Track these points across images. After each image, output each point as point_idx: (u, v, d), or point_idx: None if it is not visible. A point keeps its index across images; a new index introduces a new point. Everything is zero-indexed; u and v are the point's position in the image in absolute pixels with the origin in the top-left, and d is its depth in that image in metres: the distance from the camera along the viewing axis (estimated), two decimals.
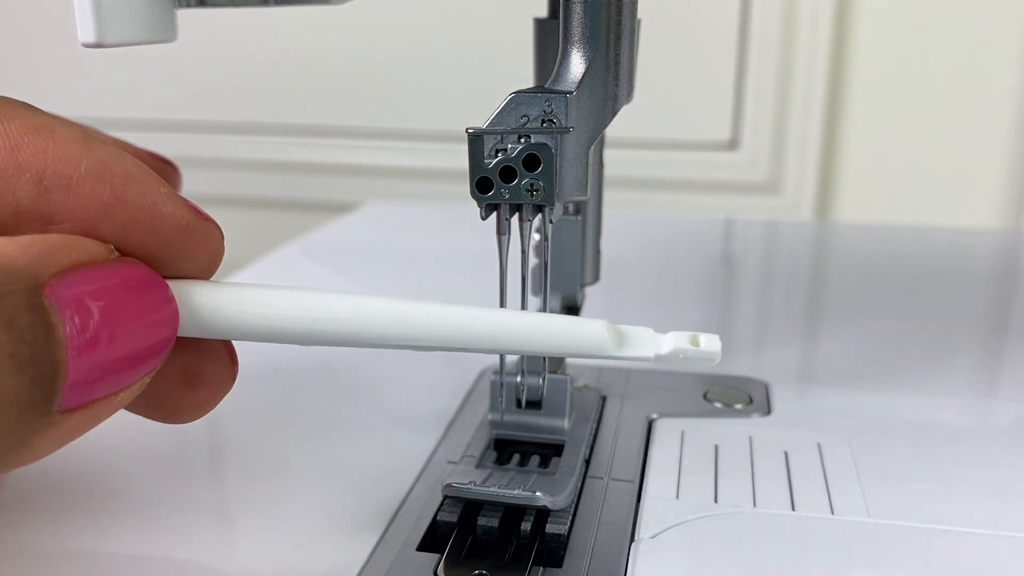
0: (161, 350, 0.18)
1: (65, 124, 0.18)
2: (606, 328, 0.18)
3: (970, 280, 0.46)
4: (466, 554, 0.22)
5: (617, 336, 0.19)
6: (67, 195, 0.17)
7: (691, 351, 0.19)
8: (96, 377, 0.17)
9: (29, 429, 0.16)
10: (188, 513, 0.24)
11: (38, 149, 0.17)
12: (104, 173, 0.18)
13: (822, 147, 0.77)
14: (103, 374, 0.17)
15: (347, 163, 0.85)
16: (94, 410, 0.17)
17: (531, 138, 0.22)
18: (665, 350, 0.19)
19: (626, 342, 0.19)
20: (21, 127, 0.17)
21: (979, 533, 0.22)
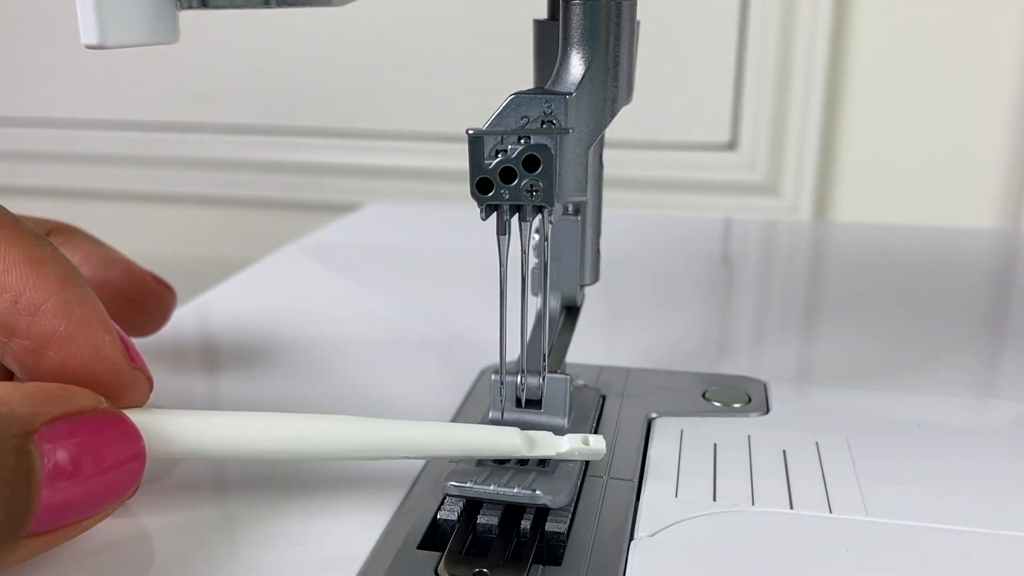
0: (125, 492, 0.21)
1: (56, 260, 0.21)
2: (519, 435, 0.23)
3: (969, 280, 0.46)
4: (466, 552, 0.22)
5: (528, 441, 0.23)
6: (31, 320, 0.20)
7: (583, 449, 0.23)
8: (63, 512, 0.19)
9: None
10: (189, 512, 0.24)
11: (23, 276, 0.20)
12: (65, 311, 0.21)
13: (821, 148, 0.77)
14: (70, 509, 0.19)
15: (348, 164, 0.85)
16: (58, 535, 0.20)
17: (531, 139, 0.22)
18: (564, 449, 0.23)
19: (535, 445, 0.23)
20: (18, 256, 0.21)
21: (977, 532, 0.22)
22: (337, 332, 0.37)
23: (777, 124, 0.77)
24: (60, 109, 0.87)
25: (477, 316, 0.38)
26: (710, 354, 0.36)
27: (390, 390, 0.31)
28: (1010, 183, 0.76)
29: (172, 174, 0.87)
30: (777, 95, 0.76)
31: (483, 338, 0.35)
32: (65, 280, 0.21)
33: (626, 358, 0.34)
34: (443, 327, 0.38)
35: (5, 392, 0.19)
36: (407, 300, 0.42)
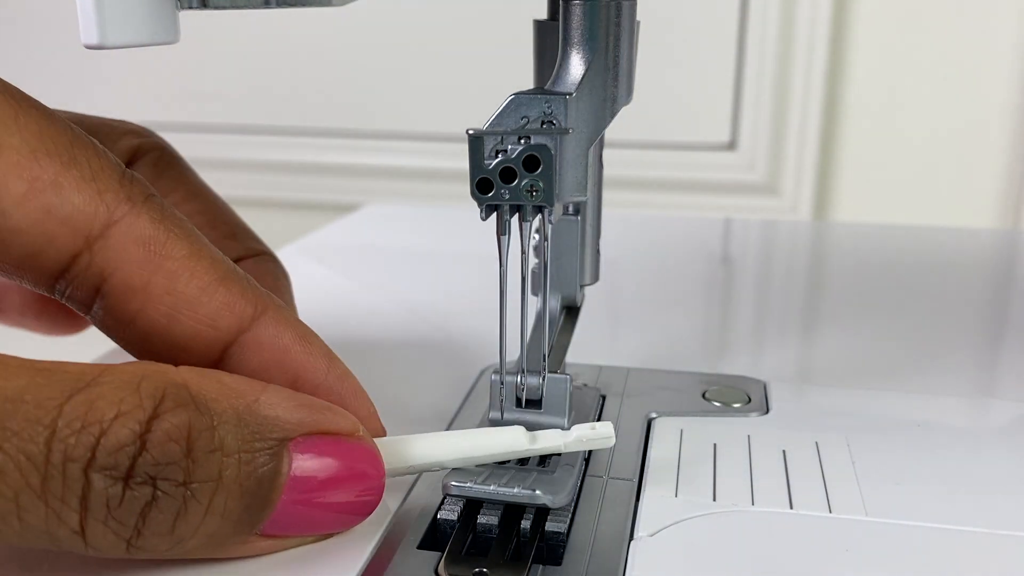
0: (356, 517, 0.22)
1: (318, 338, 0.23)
2: (523, 433, 0.23)
3: (968, 280, 0.46)
4: (466, 552, 0.22)
5: (531, 438, 0.23)
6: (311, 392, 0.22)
7: (590, 435, 0.23)
8: (296, 522, 0.21)
9: (230, 540, 0.20)
10: None
11: (300, 355, 0.22)
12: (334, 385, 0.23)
13: (820, 148, 0.77)
14: (303, 521, 0.21)
15: (348, 164, 0.85)
16: (286, 542, 0.21)
17: (531, 139, 0.22)
18: (571, 439, 0.23)
19: (538, 439, 0.23)
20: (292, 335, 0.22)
21: (977, 532, 0.22)
22: (337, 332, 0.37)
23: (777, 124, 0.77)
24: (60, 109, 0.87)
25: (477, 316, 0.38)
26: (710, 354, 0.36)
27: (390, 390, 0.31)
28: (1010, 183, 0.76)
29: None
30: (777, 95, 0.76)
31: (483, 338, 0.35)
32: (330, 356, 0.23)
33: (626, 358, 0.34)
34: (443, 327, 0.38)
35: (278, 397, 0.20)
36: (407, 300, 0.42)
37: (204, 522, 0.19)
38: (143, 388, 0.18)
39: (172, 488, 0.18)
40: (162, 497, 0.18)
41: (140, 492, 0.18)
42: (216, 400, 0.19)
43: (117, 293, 0.21)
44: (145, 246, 0.21)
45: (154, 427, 0.18)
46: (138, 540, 0.18)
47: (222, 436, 0.19)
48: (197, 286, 0.21)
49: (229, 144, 0.87)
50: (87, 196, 0.20)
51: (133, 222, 0.21)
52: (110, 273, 0.21)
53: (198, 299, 0.21)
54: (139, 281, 0.21)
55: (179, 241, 0.21)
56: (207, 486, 0.19)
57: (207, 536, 0.19)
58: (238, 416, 0.19)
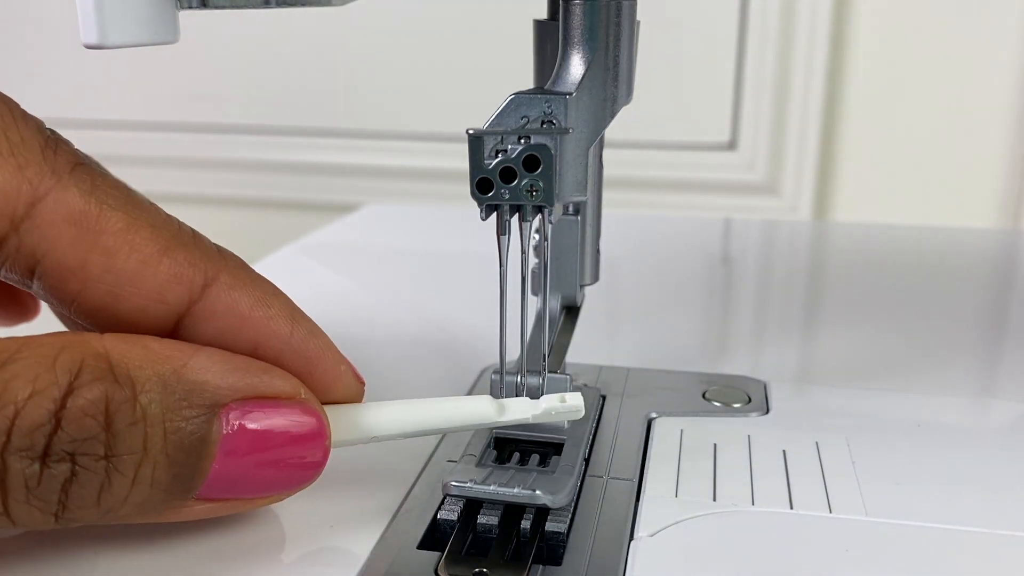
0: (297, 484, 0.21)
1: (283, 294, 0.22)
2: (490, 403, 0.23)
3: (968, 280, 0.46)
4: (466, 552, 0.22)
5: (499, 407, 0.23)
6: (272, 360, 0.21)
7: (559, 407, 0.23)
8: (232, 486, 0.20)
9: (166, 506, 0.19)
10: None
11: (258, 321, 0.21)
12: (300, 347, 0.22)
13: (820, 148, 0.77)
14: (238, 486, 0.20)
15: (347, 164, 0.85)
16: (225, 506, 0.21)
17: (531, 139, 0.22)
18: (540, 410, 0.23)
19: (506, 410, 0.23)
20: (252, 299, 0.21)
21: (977, 532, 0.22)
22: (336, 332, 0.37)
23: (777, 124, 0.77)
24: (60, 109, 0.87)
25: (477, 316, 0.38)
26: (710, 354, 0.36)
27: (390, 390, 0.31)
28: (1010, 183, 0.76)
29: (172, 174, 0.87)
30: (777, 95, 0.76)
31: (483, 338, 0.35)
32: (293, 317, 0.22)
33: (626, 358, 0.34)
34: (443, 327, 0.38)
35: (208, 360, 0.19)
36: (407, 300, 0.42)
37: (132, 492, 0.18)
38: (60, 362, 0.17)
39: (92, 463, 0.18)
40: (82, 472, 0.17)
41: (58, 469, 0.17)
42: (140, 367, 0.18)
43: (53, 275, 0.19)
44: (76, 223, 0.19)
45: (69, 403, 0.17)
46: (64, 513, 0.18)
47: (145, 405, 0.18)
48: (138, 260, 0.20)
49: (229, 144, 0.87)
50: (6, 173, 0.18)
51: (60, 197, 0.19)
52: (42, 255, 0.19)
53: (140, 274, 0.20)
54: (74, 261, 0.19)
55: (113, 212, 0.19)
56: (130, 458, 0.18)
57: (137, 505, 0.19)
58: (163, 383, 0.18)
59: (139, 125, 0.87)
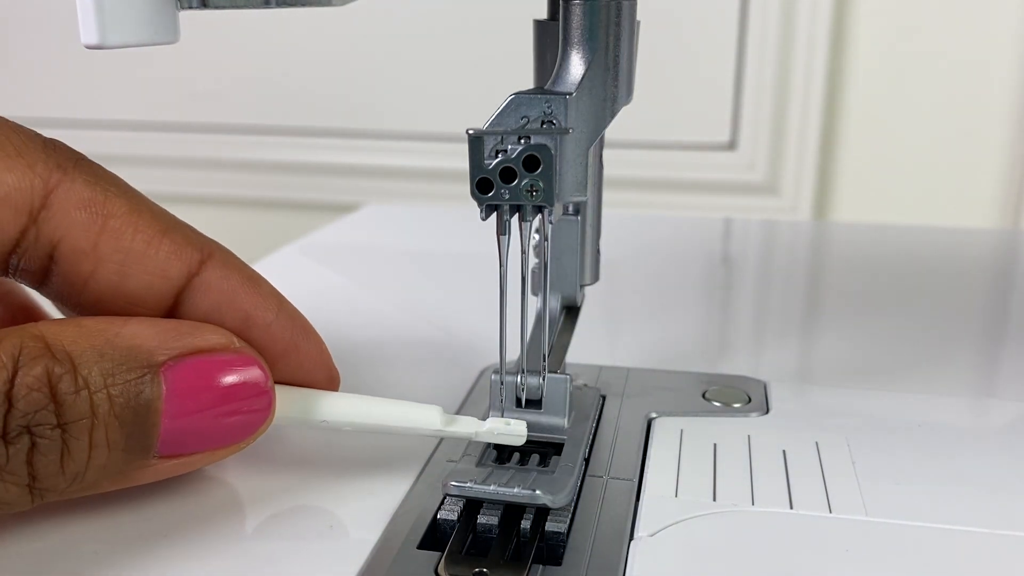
0: (251, 426, 0.22)
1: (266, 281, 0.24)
2: (439, 414, 0.24)
3: (968, 280, 0.46)
4: (466, 552, 0.22)
5: (446, 420, 0.24)
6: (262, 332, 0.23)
7: (502, 430, 0.24)
8: (186, 440, 0.21)
9: (128, 467, 0.21)
10: (190, 509, 0.24)
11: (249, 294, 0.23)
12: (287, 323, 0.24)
13: (820, 148, 0.77)
14: (192, 439, 0.21)
15: (348, 164, 0.85)
16: (188, 460, 0.22)
17: (531, 139, 0.22)
18: (483, 429, 0.24)
19: (453, 424, 0.24)
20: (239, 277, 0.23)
21: (977, 532, 0.22)
22: (337, 332, 0.37)
23: (777, 124, 0.77)
24: (60, 109, 0.87)
25: (477, 316, 0.38)
26: (710, 354, 0.36)
27: (390, 390, 0.31)
28: (1010, 183, 0.76)
29: (172, 174, 0.87)
30: (777, 95, 0.76)
31: (483, 338, 0.35)
32: (279, 297, 0.24)
33: (626, 358, 0.34)
34: (443, 327, 0.38)
35: (139, 326, 0.21)
36: (407, 300, 0.42)
37: (92, 456, 0.20)
38: (2, 349, 0.19)
39: (48, 432, 0.19)
40: (41, 443, 0.19)
41: (20, 443, 0.19)
42: (74, 342, 0.20)
43: (69, 259, 0.21)
44: (86, 208, 0.21)
45: (16, 382, 0.19)
46: (37, 484, 0.20)
47: (85, 375, 0.20)
48: (143, 240, 0.22)
49: (229, 144, 0.87)
50: (19, 173, 0.21)
51: (70, 187, 0.21)
52: (58, 240, 0.21)
53: (145, 252, 0.22)
54: (87, 243, 0.21)
55: (117, 199, 0.22)
56: (82, 424, 0.19)
57: (101, 469, 0.20)
58: (99, 353, 0.20)
59: (139, 125, 0.87)
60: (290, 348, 0.24)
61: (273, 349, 0.23)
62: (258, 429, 0.23)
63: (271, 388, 0.22)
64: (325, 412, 0.24)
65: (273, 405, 0.23)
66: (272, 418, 0.23)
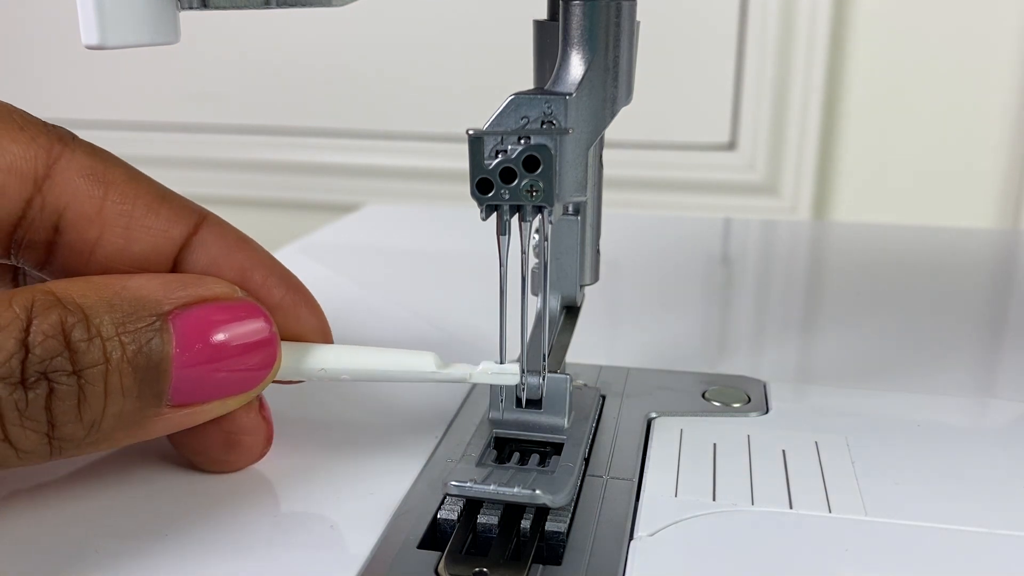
0: (260, 372, 0.23)
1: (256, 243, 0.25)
2: (432, 359, 0.25)
3: (968, 280, 0.46)
4: (466, 552, 0.22)
5: (439, 365, 0.25)
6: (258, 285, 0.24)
7: (496, 369, 0.25)
8: (197, 387, 0.22)
9: (142, 415, 0.21)
10: (191, 509, 0.24)
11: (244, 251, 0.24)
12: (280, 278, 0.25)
13: (820, 148, 0.77)
14: (203, 387, 0.22)
15: (348, 164, 0.85)
16: (201, 409, 0.22)
17: (531, 139, 0.22)
18: (477, 371, 0.25)
19: (448, 368, 0.25)
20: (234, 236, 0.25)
21: (977, 532, 0.22)
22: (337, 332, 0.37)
23: (777, 124, 0.77)
24: (60, 109, 0.87)
25: (477, 316, 0.38)
26: (710, 354, 0.36)
27: (390, 390, 0.31)
28: (1010, 183, 0.76)
29: (172, 174, 0.87)
30: (777, 95, 0.76)
31: (483, 338, 0.35)
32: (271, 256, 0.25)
33: (626, 358, 0.34)
34: (443, 327, 0.38)
35: (145, 279, 0.22)
36: (407, 300, 0.42)
37: (108, 403, 0.20)
38: (15, 302, 0.20)
39: (65, 378, 0.20)
40: (59, 388, 0.20)
41: (39, 389, 0.19)
42: (83, 295, 0.20)
43: (75, 225, 0.23)
44: (89, 176, 0.23)
45: (32, 329, 0.20)
46: (55, 433, 0.20)
47: (97, 324, 0.20)
48: (144, 204, 0.23)
49: (229, 144, 0.87)
50: (23, 144, 0.22)
51: (71, 157, 0.22)
52: (64, 207, 0.22)
53: (147, 216, 0.23)
54: (92, 209, 0.23)
55: (116, 168, 0.23)
56: (97, 370, 0.20)
57: (117, 417, 0.21)
58: (108, 304, 0.21)
59: (139, 125, 0.87)
60: (285, 300, 0.24)
61: (269, 300, 0.24)
62: (266, 376, 0.23)
63: (275, 334, 0.23)
64: (322, 362, 0.25)
65: (278, 351, 0.23)
66: (279, 364, 0.23)
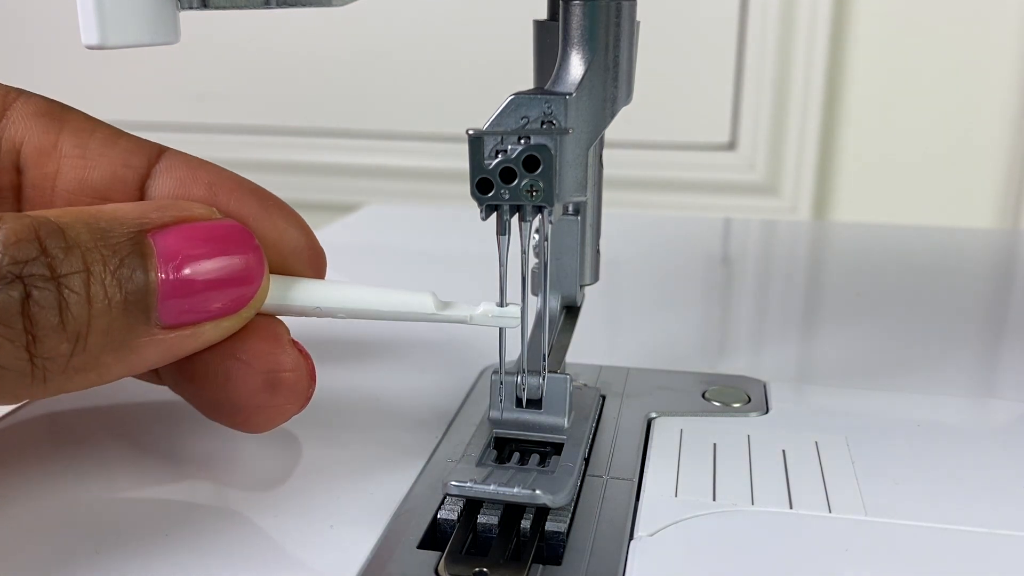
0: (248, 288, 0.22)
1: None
2: (432, 299, 0.24)
3: (968, 280, 0.46)
4: (466, 552, 0.22)
5: (441, 304, 0.24)
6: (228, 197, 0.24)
7: (497, 311, 0.24)
8: (185, 306, 0.21)
9: (131, 333, 0.20)
10: (191, 508, 0.24)
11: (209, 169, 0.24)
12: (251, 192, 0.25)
13: (820, 148, 0.77)
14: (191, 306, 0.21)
15: (348, 164, 0.85)
16: (193, 331, 0.22)
17: (531, 139, 0.22)
18: (477, 312, 0.24)
19: (448, 308, 0.24)
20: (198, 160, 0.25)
21: (976, 532, 0.22)
22: (337, 332, 0.37)
23: (777, 124, 0.77)
24: None
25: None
26: (710, 354, 0.36)
27: (390, 390, 0.31)
28: (1010, 183, 0.76)
29: None
30: (777, 95, 0.76)
31: (483, 338, 0.35)
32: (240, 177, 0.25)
33: (626, 358, 0.34)
34: (443, 327, 0.38)
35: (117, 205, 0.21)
36: None
37: (93, 315, 0.20)
38: None
39: (43, 283, 0.19)
40: (37, 293, 0.19)
41: (13, 292, 0.19)
42: (60, 216, 0.20)
43: (34, 161, 0.23)
44: (44, 116, 0.23)
45: (4, 230, 0.19)
46: (38, 348, 0.19)
47: (74, 236, 0.20)
48: (100, 139, 0.23)
49: (230, 145, 0.87)
50: None
51: (27, 100, 0.23)
52: (20, 143, 0.23)
53: (105, 148, 0.23)
54: (48, 143, 0.23)
55: (71, 111, 0.24)
56: (77, 276, 0.19)
57: (104, 333, 0.20)
58: (85, 223, 0.20)
59: (139, 125, 0.87)
60: (260, 212, 0.24)
61: (243, 212, 0.24)
62: (256, 290, 0.22)
63: (259, 247, 0.23)
64: (318, 299, 0.24)
65: (265, 264, 0.23)
66: (267, 281, 0.23)
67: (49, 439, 0.28)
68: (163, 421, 0.29)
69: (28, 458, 0.26)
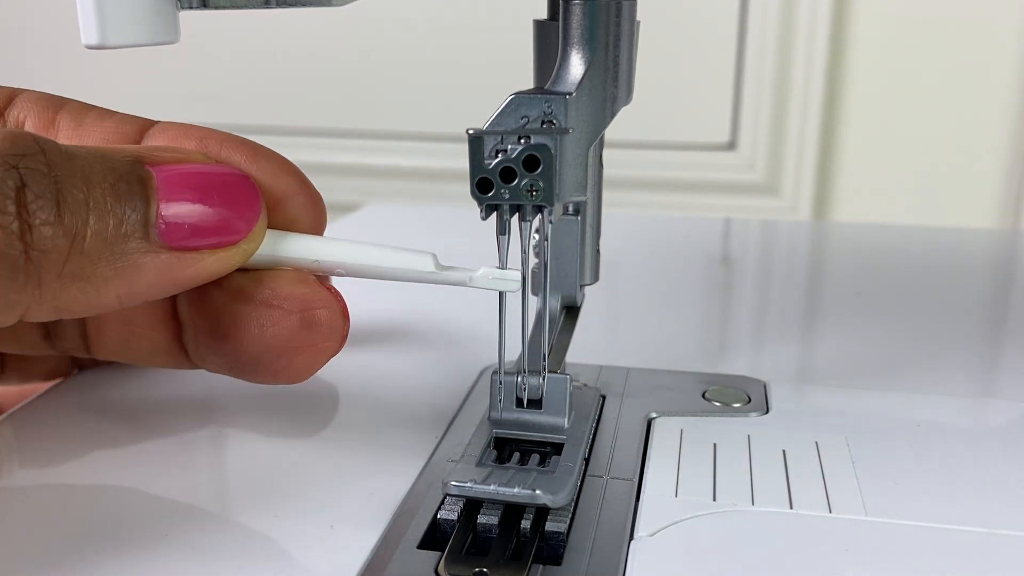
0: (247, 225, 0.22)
1: None
2: (432, 259, 0.24)
3: (968, 280, 0.46)
4: (466, 552, 0.22)
5: (437, 265, 0.24)
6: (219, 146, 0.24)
7: (496, 273, 0.24)
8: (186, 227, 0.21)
9: (130, 244, 0.20)
10: (191, 509, 0.24)
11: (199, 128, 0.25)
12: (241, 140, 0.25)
13: (820, 148, 0.77)
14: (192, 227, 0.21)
15: (348, 164, 0.85)
16: (195, 256, 0.21)
17: (531, 139, 0.22)
18: (477, 274, 0.24)
19: (446, 269, 0.24)
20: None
21: (977, 532, 0.22)
22: None
23: (777, 124, 0.77)
24: None
25: (477, 316, 0.38)
26: (710, 354, 0.36)
27: (390, 390, 0.31)
28: (1010, 183, 0.76)
29: None
30: (777, 95, 0.76)
31: (483, 338, 0.35)
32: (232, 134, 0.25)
33: (626, 358, 0.34)
34: (443, 327, 0.38)
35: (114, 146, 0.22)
36: (407, 300, 0.42)
37: (91, 214, 0.19)
38: None
39: (40, 175, 0.19)
40: (33, 182, 0.19)
41: (9, 178, 0.18)
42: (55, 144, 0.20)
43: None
44: (44, 101, 0.25)
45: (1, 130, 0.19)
46: (33, 237, 0.19)
47: (74, 151, 0.20)
48: (94, 115, 0.25)
49: None
50: None
51: (28, 94, 0.25)
52: (23, 122, 0.24)
53: (99, 120, 0.25)
54: (47, 119, 0.24)
55: (70, 101, 0.25)
56: (74, 178, 0.19)
57: (102, 238, 0.20)
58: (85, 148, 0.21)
59: None
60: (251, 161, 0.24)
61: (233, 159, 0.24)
62: (256, 217, 0.22)
63: (255, 185, 0.23)
64: (318, 252, 0.24)
65: (262, 200, 0.23)
66: (264, 216, 0.23)
67: (49, 439, 0.28)
68: (163, 421, 0.29)
69: (28, 458, 0.26)
